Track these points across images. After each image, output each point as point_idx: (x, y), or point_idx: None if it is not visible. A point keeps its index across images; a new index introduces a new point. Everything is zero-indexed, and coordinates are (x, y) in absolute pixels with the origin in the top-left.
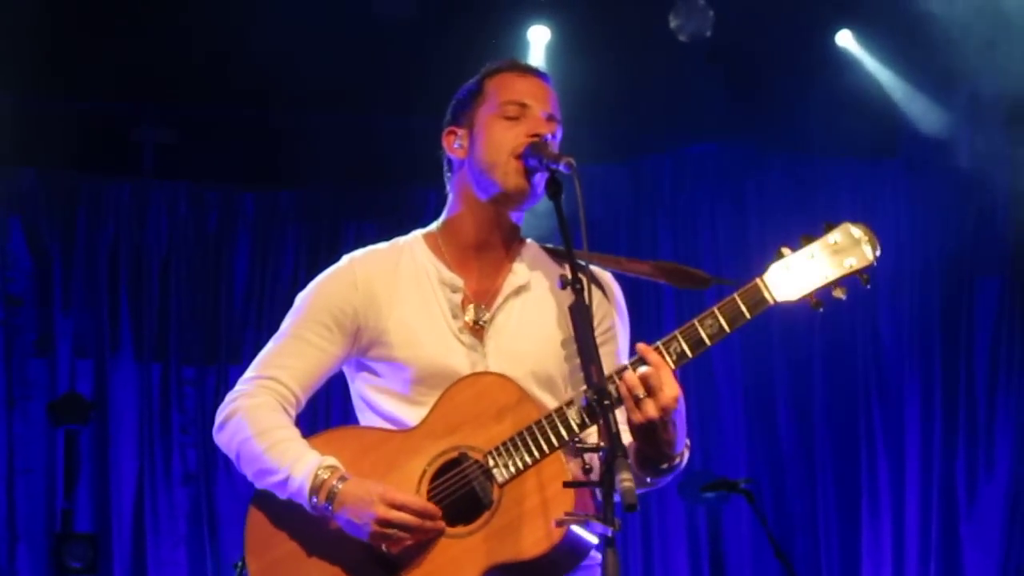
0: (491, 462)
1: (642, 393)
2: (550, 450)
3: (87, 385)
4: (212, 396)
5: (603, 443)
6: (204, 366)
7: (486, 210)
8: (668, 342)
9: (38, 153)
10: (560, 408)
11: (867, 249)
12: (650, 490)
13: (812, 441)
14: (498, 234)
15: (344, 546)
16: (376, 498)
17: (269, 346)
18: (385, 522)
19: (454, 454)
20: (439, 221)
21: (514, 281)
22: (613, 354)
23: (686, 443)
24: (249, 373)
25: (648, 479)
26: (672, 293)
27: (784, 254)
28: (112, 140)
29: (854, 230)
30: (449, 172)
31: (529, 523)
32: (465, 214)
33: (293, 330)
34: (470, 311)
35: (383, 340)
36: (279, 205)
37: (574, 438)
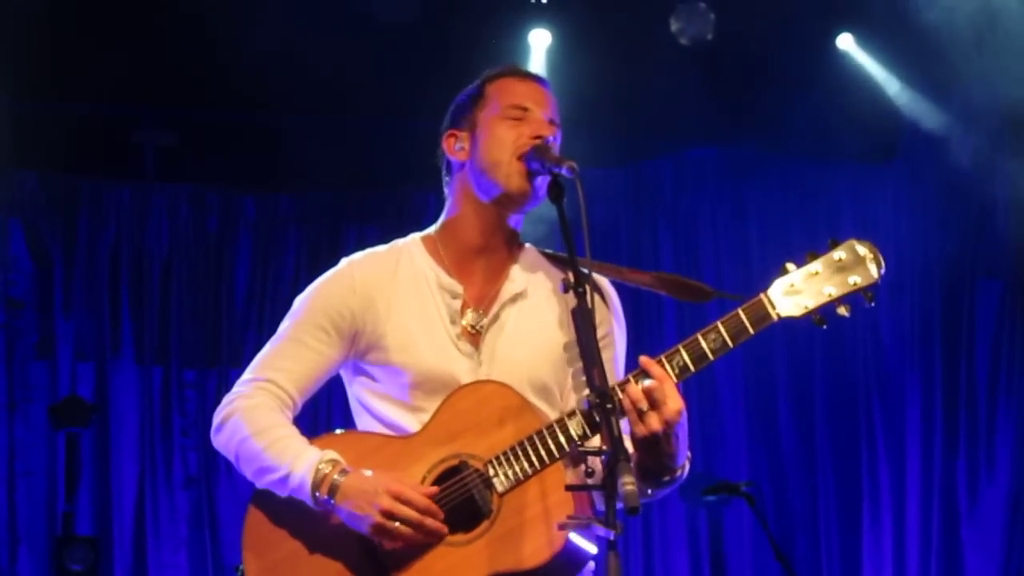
0: (491, 471)
1: (646, 406)
2: (550, 460)
3: (88, 388)
4: (213, 399)
5: (605, 447)
6: (205, 369)
7: (487, 212)
8: (671, 355)
9: (39, 156)
10: (561, 418)
11: (872, 267)
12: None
13: (813, 444)
14: (497, 237)
15: (343, 547)
16: (381, 489)
17: (266, 348)
18: (389, 514)
19: (454, 462)
20: (437, 224)
21: (511, 288)
22: (610, 360)
23: (687, 455)
24: (246, 376)
25: (649, 491)
26: (674, 302)
27: (788, 270)
28: (113, 143)
29: (859, 247)
30: (447, 176)
31: (528, 533)
32: (465, 217)
33: (290, 333)
34: (468, 316)
35: (380, 344)
36: (280, 208)
37: (575, 447)
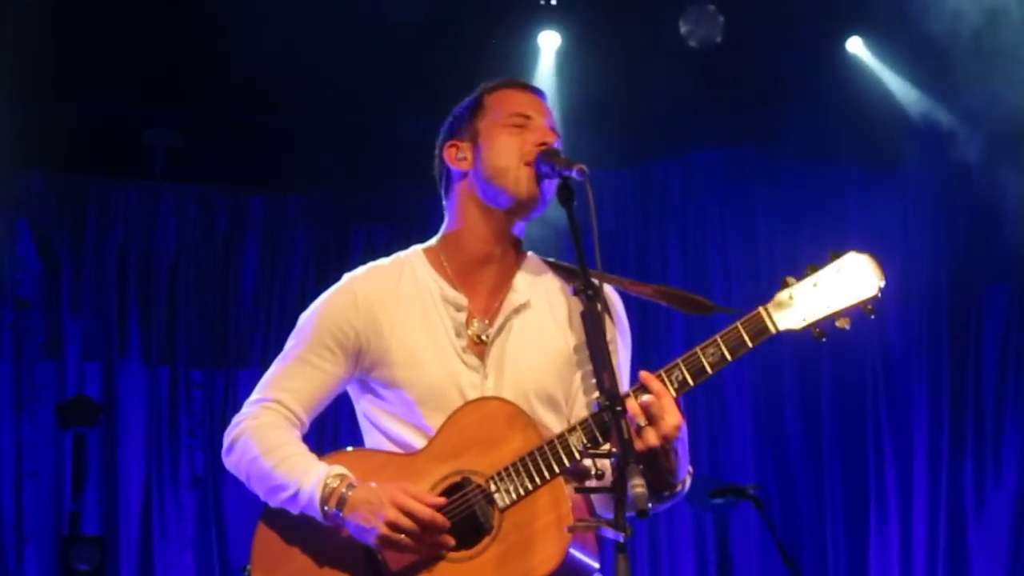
0: (493, 487)
1: (643, 421)
2: (551, 475)
3: (95, 388)
4: (220, 399)
5: (615, 449)
6: (212, 369)
7: (493, 220)
8: (670, 370)
9: (47, 156)
10: (562, 434)
11: (872, 281)
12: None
13: (820, 447)
14: (501, 246)
15: (350, 562)
16: (387, 500)
17: (273, 368)
18: (394, 525)
19: (457, 478)
20: (439, 236)
21: (515, 298)
22: (614, 368)
23: (688, 470)
24: (254, 396)
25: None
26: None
27: (789, 283)
28: (122, 143)
29: (860, 260)
30: (446, 187)
31: (528, 549)
32: (469, 226)
33: (296, 352)
34: (474, 326)
35: (385, 361)
36: (288, 209)
37: (575, 464)
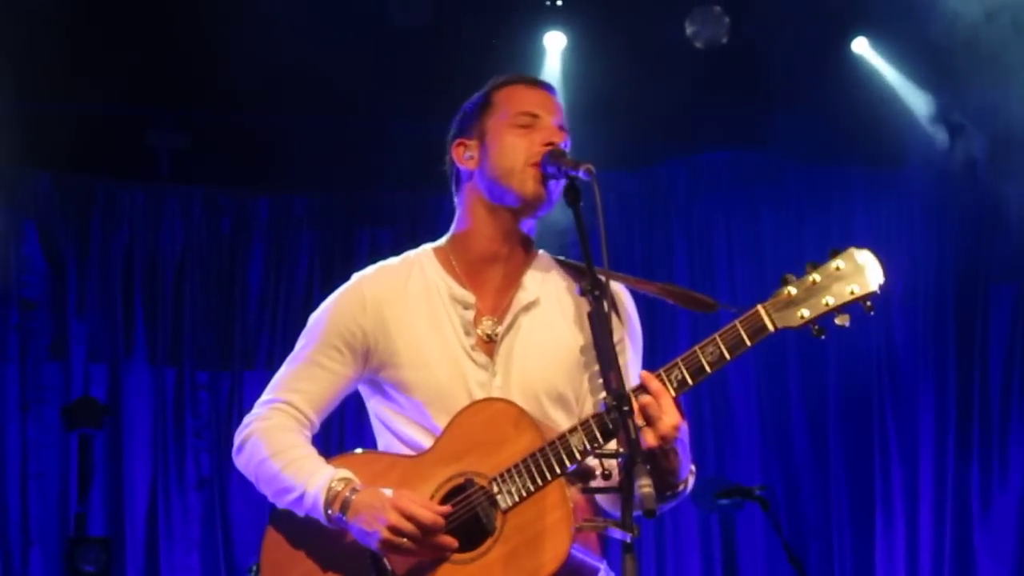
0: (495, 488)
1: (642, 422)
2: (552, 477)
3: (101, 389)
4: (226, 401)
5: (622, 449)
6: (218, 371)
7: (500, 219)
8: (670, 369)
9: (53, 157)
10: (563, 435)
11: (871, 276)
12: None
13: (826, 449)
14: (510, 244)
15: (356, 565)
16: (388, 504)
17: (283, 369)
18: (395, 529)
19: (460, 480)
20: (448, 234)
21: (524, 296)
22: (623, 367)
23: (691, 469)
24: (264, 396)
25: None
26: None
27: (788, 280)
28: (127, 144)
29: (859, 256)
30: (456, 185)
31: (530, 550)
32: (477, 225)
33: (305, 353)
34: (483, 325)
35: (393, 361)
36: (293, 210)
37: (576, 465)
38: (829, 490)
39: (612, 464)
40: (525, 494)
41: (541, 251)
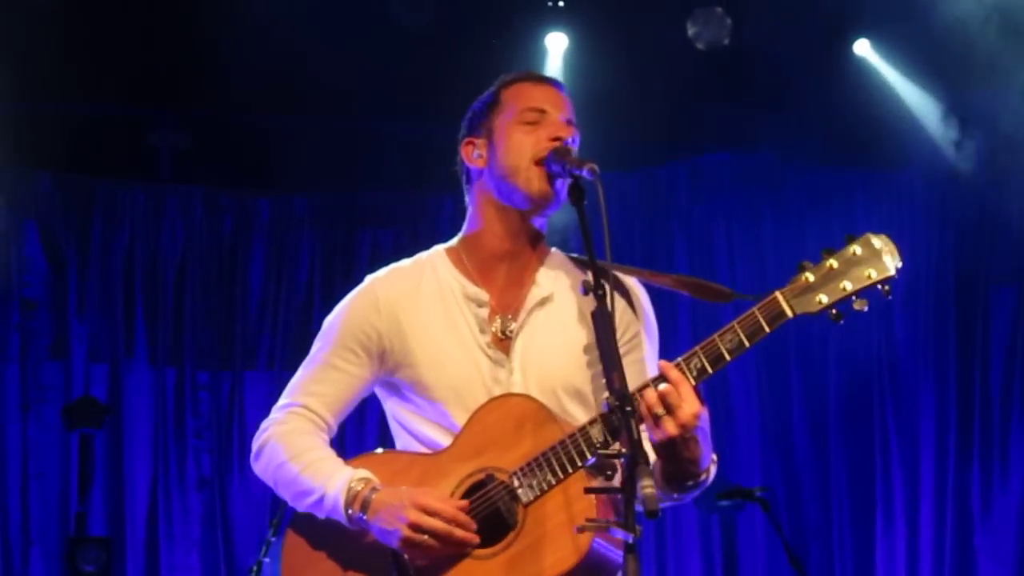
0: (516, 483)
1: (661, 411)
2: (573, 469)
3: (102, 389)
4: (227, 401)
5: (625, 450)
6: (219, 371)
7: (509, 217)
8: (688, 358)
9: (54, 157)
10: (584, 427)
11: (888, 260)
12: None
13: (827, 450)
14: (521, 242)
15: (377, 564)
16: (408, 502)
17: (299, 373)
18: (416, 526)
19: (480, 476)
20: (460, 234)
21: (538, 292)
22: (640, 361)
23: (712, 458)
24: (281, 401)
25: (675, 495)
26: (687, 304)
27: (805, 267)
28: (128, 145)
29: (875, 241)
30: (467, 184)
31: (552, 542)
32: (487, 224)
33: (321, 356)
34: (497, 323)
35: (409, 361)
36: (294, 210)
37: (596, 457)
38: (830, 491)
39: (617, 465)
40: (547, 487)
41: (554, 248)
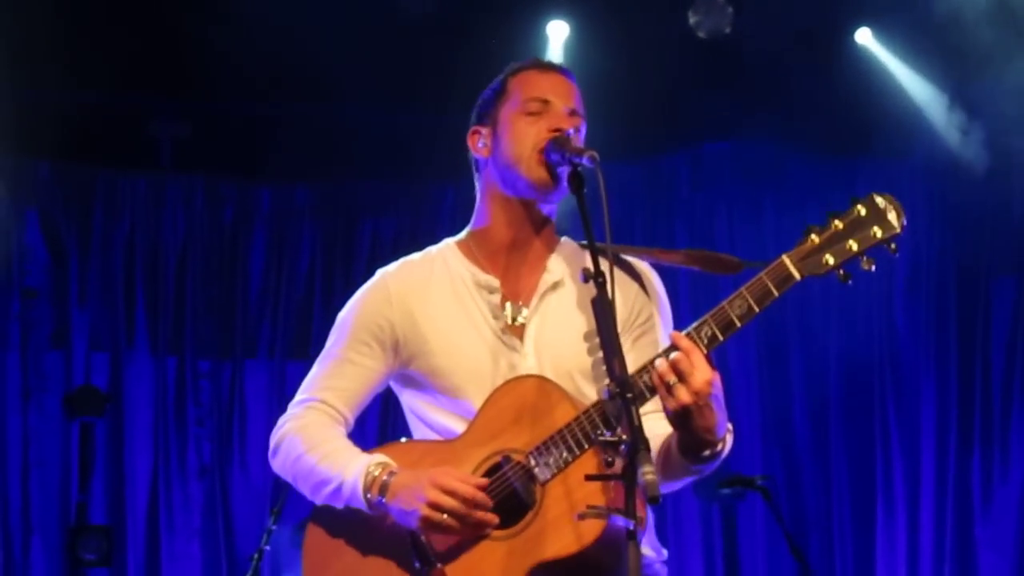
0: (532, 462)
1: (673, 379)
2: (589, 445)
3: (102, 378)
4: (227, 389)
5: (625, 436)
6: (220, 360)
7: (514, 206)
8: (699, 327)
9: (54, 146)
10: (598, 402)
11: (892, 217)
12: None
13: (827, 440)
14: (529, 230)
15: (397, 550)
16: (426, 482)
17: (315, 368)
18: (435, 506)
19: (497, 458)
20: (469, 226)
21: (549, 279)
22: (654, 343)
23: (728, 427)
24: (298, 396)
25: (692, 467)
26: (687, 284)
27: (811, 230)
28: (128, 134)
29: (879, 200)
30: (476, 173)
31: (570, 520)
32: (494, 213)
33: (335, 351)
34: (509, 309)
35: (423, 351)
36: (295, 200)
37: (610, 431)
38: (830, 481)
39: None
40: (563, 464)
41: (565, 237)
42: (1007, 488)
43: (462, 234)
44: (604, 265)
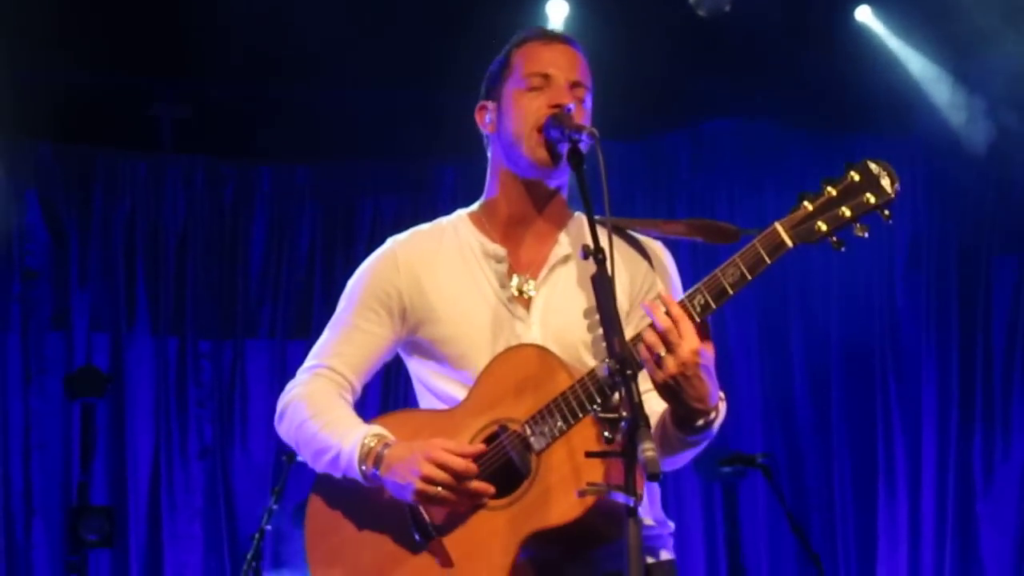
0: (528, 431)
1: (662, 351)
2: (583, 414)
3: (103, 359)
4: (228, 370)
5: (625, 413)
6: (220, 340)
7: (520, 182)
8: (692, 295)
9: (55, 127)
10: (592, 371)
11: (886, 183)
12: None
13: (829, 418)
14: (536, 205)
15: (395, 520)
16: (420, 456)
17: (324, 334)
18: (429, 479)
19: (494, 428)
20: (481, 198)
21: (559, 252)
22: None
23: (720, 396)
24: (306, 363)
25: (688, 438)
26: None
27: (804, 197)
28: (128, 115)
29: (873, 166)
30: (487, 148)
31: (565, 489)
32: (502, 188)
33: (344, 318)
34: (516, 280)
35: (430, 318)
36: (296, 180)
37: (608, 403)
38: (832, 459)
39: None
40: (558, 434)
41: (577, 212)
42: (1008, 465)
43: (474, 205)
44: (604, 242)
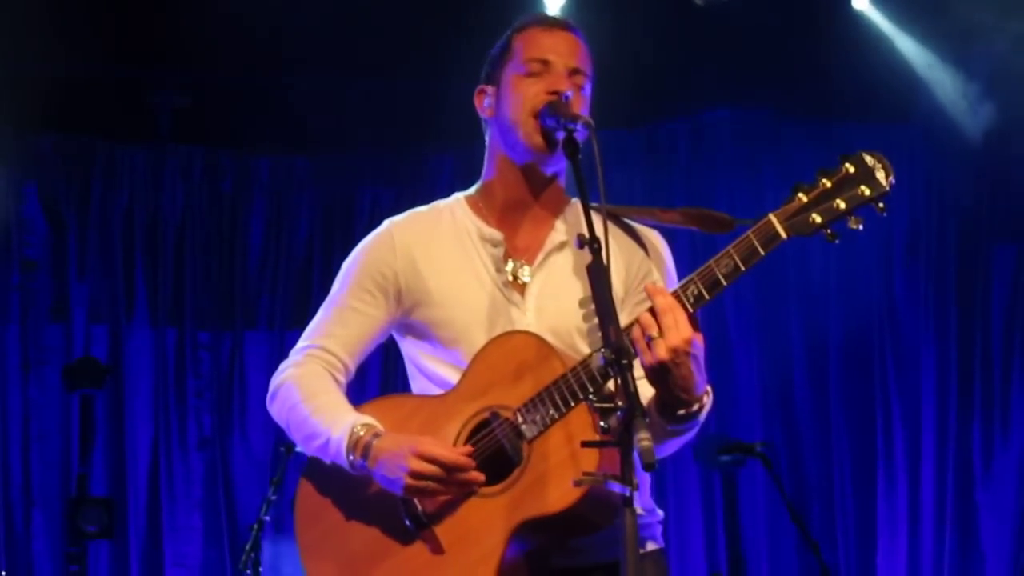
0: (520, 419)
1: (655, 333)
2: (575, 402)
3: (102, 350)
4: (227, 361)
5: (621, 402)
6: (219, 331)
7: (516, 168)
8: (685, 286)
9: (53, 118)
10: (585, 360)
11: (881, 176)
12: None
13: (828, 406)
14: (533, 191)
15: (386, 508)
16: (407, 451)
17: (318, 315)
18: (417, 474)
19: (485, 415)
20: (479, 182)
21: (556, 238)
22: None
23: (706, 389)
24: (299, 344)
25: (669, 427)
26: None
27: (799, 188)
28: (127, 105)
29: (868, 158)
30: (486, 132)
31: (556, 477)
32: (499, 173)
33: (338, 299)
34: (511, 266)
35: (425, 300)
36: (295, 171)
37: (600, 392)
38: (831, 448)
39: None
40: (549, 422)
41: (575, 199)
42: (1007, 453)
43: (472, 189)
44: (599, 231)
